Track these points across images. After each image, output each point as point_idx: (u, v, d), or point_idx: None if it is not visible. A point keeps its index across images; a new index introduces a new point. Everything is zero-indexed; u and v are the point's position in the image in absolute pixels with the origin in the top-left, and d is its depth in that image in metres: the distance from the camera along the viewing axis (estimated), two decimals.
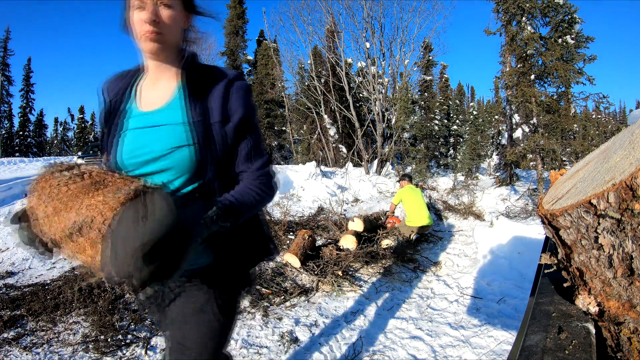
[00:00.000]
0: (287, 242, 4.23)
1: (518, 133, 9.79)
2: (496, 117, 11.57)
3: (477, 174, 12.21)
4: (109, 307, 2.54)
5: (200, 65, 0.92)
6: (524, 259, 3.51)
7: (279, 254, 1.19)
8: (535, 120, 8.34)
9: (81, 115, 40.99)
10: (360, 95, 14.76)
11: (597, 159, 0.71)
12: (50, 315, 2.48)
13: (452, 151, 15.92)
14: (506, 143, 10.23)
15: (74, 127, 42.53)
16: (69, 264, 3.45)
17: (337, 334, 2.44)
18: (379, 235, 4.45)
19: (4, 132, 30.56)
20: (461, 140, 15.53)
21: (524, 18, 8.25)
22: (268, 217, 5.01)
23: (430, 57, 15.56)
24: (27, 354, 2.06)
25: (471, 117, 14.28)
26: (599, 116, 30.19)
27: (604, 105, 7.92)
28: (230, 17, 19.79)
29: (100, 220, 0.62)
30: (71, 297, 2.66)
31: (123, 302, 2.65)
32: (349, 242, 3.90)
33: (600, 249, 0.56)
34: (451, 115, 16.94)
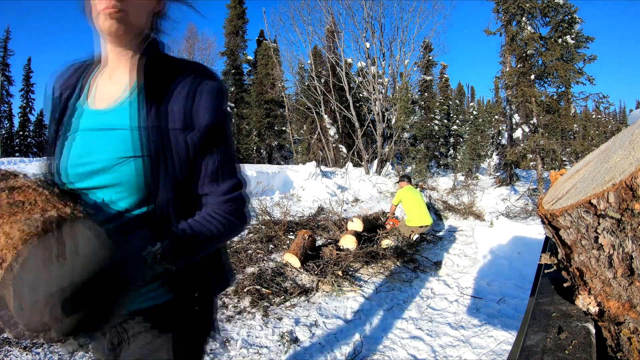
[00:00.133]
0: (287, 242, 4.23)
1: (518, 133, 9.79)
2: (496, 117, 11.58)
3: (477, 174, 12.21)
4: None
5: (166, 56, 0.75)
6: (524, 259, 3.51)
7: (234, 281, 1.04)
8: (535, 120, 8.35)
9: None
10: (360, 95, 14.77)
11: (597, 159, 0.71)
12: None
13: (452, 151, 15.93)
14: (506, 143, 10.23)
15: None
16: None
17: (337, 334, 2.44)
18: (379, 235, 4.45)
19: (4, 132, 30.55)
20: (461, 140, 15.53)
21: (524, 18, 8.26)
22: (268, 217, 5.00)
23: (430, 57, 15.59)
24: (27, 354, 2.06)
25: (471, 117, 14.28)
26: (599, 116, 30.19)
27: (604, 105, 7.94)
28: (230, 17, 19.81)
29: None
30: None
31: None
32: (349, 242, 3.90)
33: (600, 249, 0.56)
34: (451, 115, 16.94)
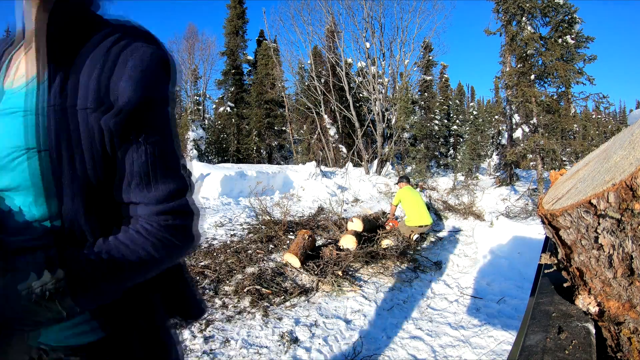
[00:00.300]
0: (287, 242, 4.23)
1: (518, 133, 9.79)
2: (496, 117, 11.59)
3: (477, 174, 12.23)
4: None
5: (86, 12, 0.54)
6: (524, 259, 3.51)
7: (206, 312, 0.86)
8: (535, 120, 8.35)
9: None
10: (360, 95, 14.78)
11: (597, 159, 0.71)
12: None
13: (452, 151, 15.95)
14: (506, 143, 10.23)
15: None
16: None
17: (337, 334, 2.44)
18: (379, 235, 4.45)
19: None
20: (461, 140, 15.55)
21: (524, 18, 8.26)
22: (268, 217, 4.98)
23: (430, 57, 15.60)
24: None
25: (471, 117, 14.30)
26: (599, 116, 30.20)
27: (604, 105, 7.94)
28: (230, 17, 19.82)
29: None
30: None
31: None
32: (349, 242, 3.90)
33: (600, 249, 0.56)
34: (451, 115, 16.96)
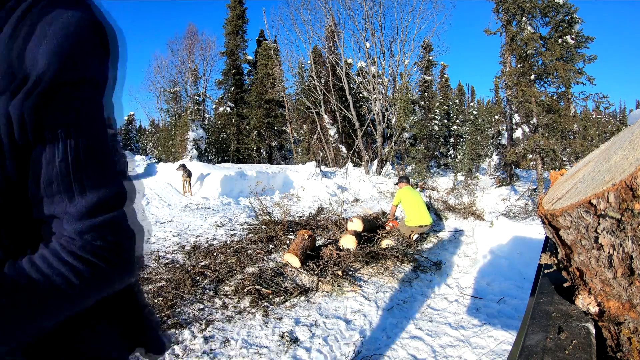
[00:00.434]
0: (287, 242, 4.22)
1: (518, 133, 9.80)
2: (496, 117, 11.59)
3: (477, 174, 12.23)
4: None
5: None
6: (524, 259, 3.51)
7: (169, 348, 0.73)
8: (535, 120, 8.35)
9: None
10: (360, 95, 14.78)
11: (597, 159, 0.71)
12: None
13: (452, 151, 15.95)
14: (506, 143, 10.23)
15: None
16: None
17: (337, 334, 2.44)
18: (379, 235, 4.45)
19: None
20: (461, 140, 15.55)
21: (524, 18, 8.26)
22: (268, 217, 4.98)
23: (430, 57, 15.60)
24: None
25: (471, 117, 14.30)
26: (599, 116, 30.20)
27: (604, 105, 7.94)
28: (230, 17, 19.82)
29: None
30: None
31: None
32: (349, 242, 3.90)
33: (600, 249, 0.56)
34: (451, 115, 16.96)
